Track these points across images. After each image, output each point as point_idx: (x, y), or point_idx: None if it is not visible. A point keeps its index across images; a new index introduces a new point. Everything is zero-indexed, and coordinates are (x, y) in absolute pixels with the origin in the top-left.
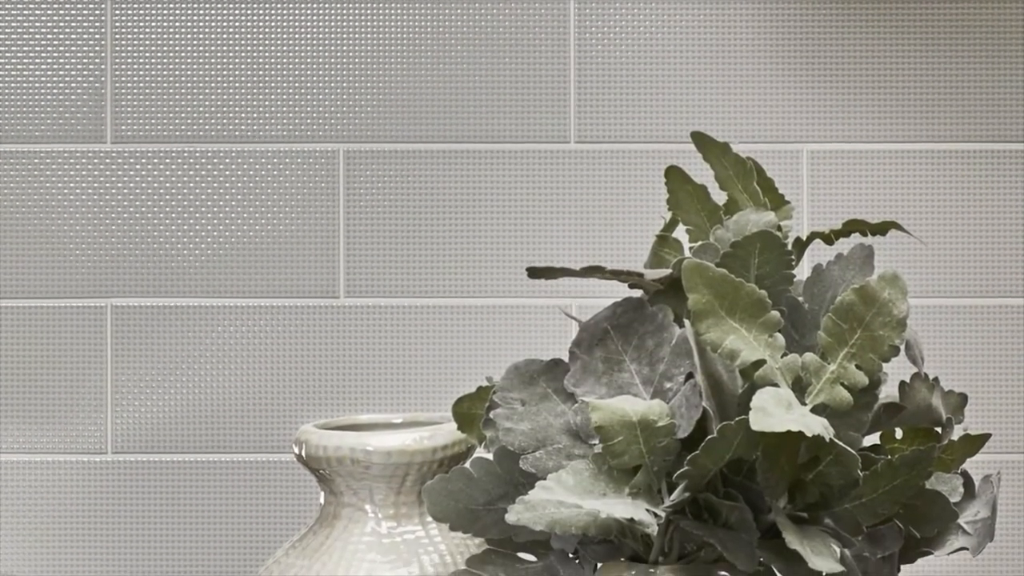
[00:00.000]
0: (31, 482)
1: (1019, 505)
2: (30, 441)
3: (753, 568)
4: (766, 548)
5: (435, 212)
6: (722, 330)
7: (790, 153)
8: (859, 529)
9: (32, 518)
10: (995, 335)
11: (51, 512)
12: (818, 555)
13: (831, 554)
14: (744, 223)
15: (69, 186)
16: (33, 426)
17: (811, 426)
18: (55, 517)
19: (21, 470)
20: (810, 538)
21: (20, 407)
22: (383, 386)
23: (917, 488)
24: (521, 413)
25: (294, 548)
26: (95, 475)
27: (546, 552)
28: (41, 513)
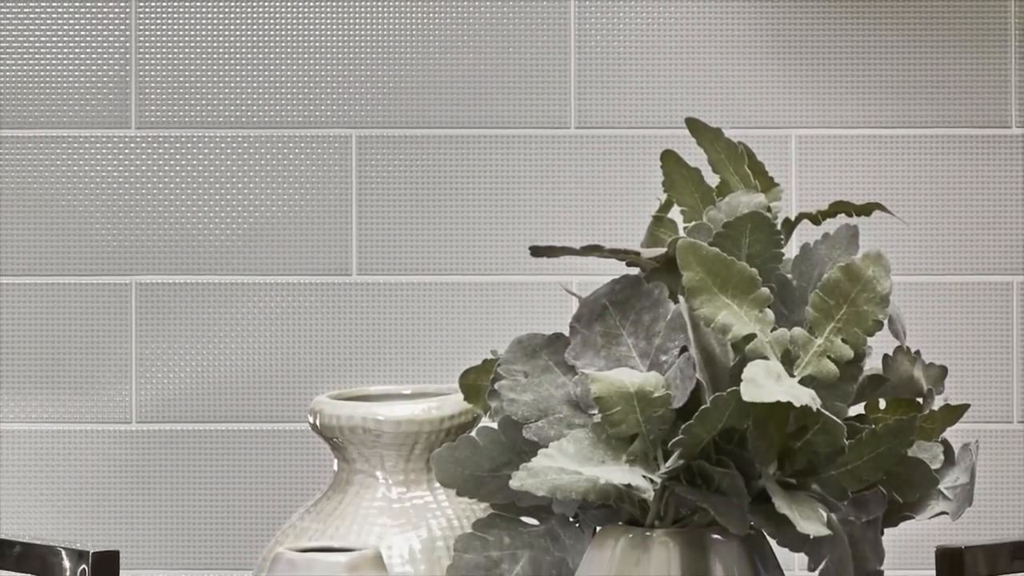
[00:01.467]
0: (60, 450)
1: (996, 471)
2: (59, 411)
3: (744, 531)
4: (757, 512)
5: (442, 194)
6: (715, 306)
7: (779, 138)
8: (845, 494)
9: (61, 483)
10: (974, 311)
11: (79, 478)
12: (806, 519)
13: (818, 518)
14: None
15: (96, 169)
16: (62, 397)
17: (799, 397)
18: (83, 482)
19: (51, 438)
20: (798, 503)
21: (49, 379)
22: (393, 359)
23: (900, 456)
24: (524, 385)
25: (309, 512)
26: (120, 443)
27: (548, 516)
28: (69, 479)
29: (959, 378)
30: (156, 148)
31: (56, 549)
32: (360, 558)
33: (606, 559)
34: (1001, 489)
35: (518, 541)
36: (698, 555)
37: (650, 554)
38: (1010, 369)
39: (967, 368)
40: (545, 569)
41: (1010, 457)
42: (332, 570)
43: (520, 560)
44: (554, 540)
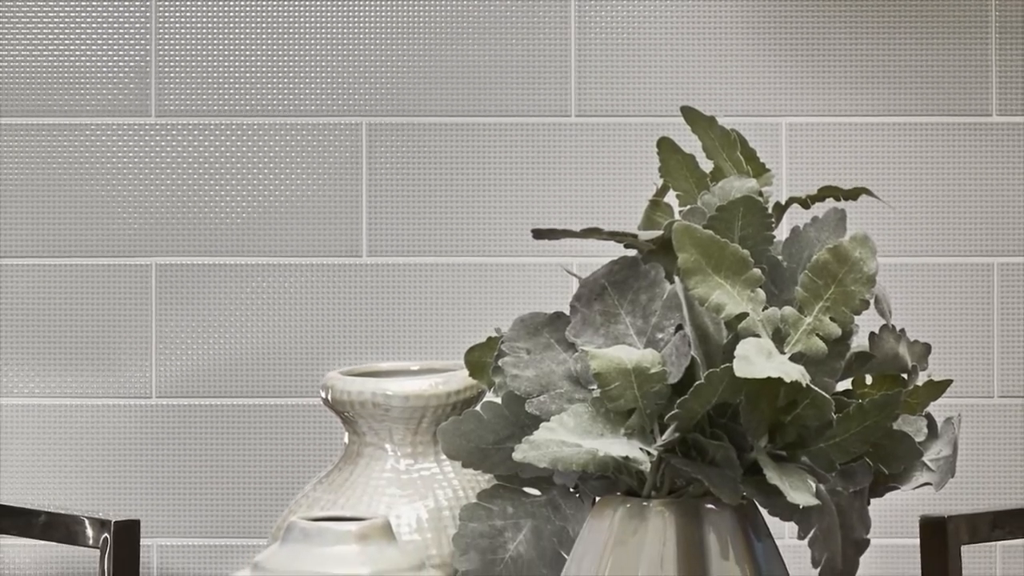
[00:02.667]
0: (83, 423)
1: (977, 444)
2: (82, 386)
3: (737, 501)
4: (748, 483)
5: (449, 179)
6: (709, 286)
7: (770, 125)
8: (833, 466)
9: (84, 456)
10: (957, 291)
11: (101, 450)
12: (796, 489)
13: (807, 488)
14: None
15: (117, 155)
16: (85, 373)
17: (789, 373)
18: (105, 455)
19: (75, 413)
20: (788, 474)
21: (73, 356)
22: (401, 336)
23: (885, 429)
24: (527, 361)
25: (321, 483)
26: (141, 417)
27: (549, 487)
28: (92, 451)
29: (942, 355)
30: (175, 135)
31: (80, 518)
32: (370, 527)
33: (605, 528)
34: (982, 461)
35: (521, 511)
36: (693, 524)
37: (647, 523)
38: (990, 346)
39: (950, 345)
40: (546, 537)
41: (990, 430)
42: (343, 538)
43: (523, 529)
44: (555, 510)
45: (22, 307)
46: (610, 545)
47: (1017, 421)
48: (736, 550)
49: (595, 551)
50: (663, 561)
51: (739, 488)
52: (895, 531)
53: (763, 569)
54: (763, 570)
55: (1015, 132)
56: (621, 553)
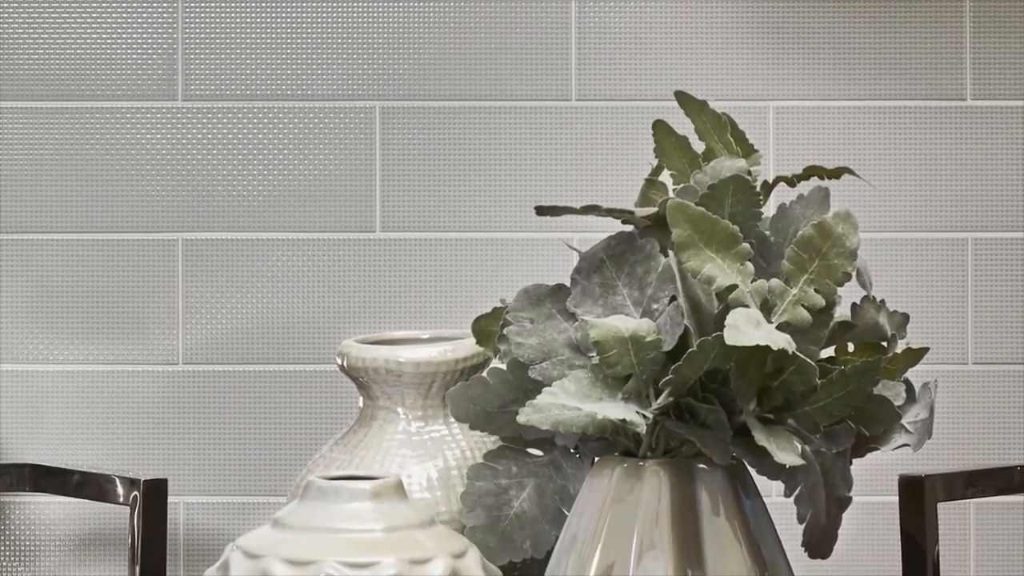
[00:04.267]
0: (114, 388)
1: (952, 408)
2: (113, 353)
3: (727, 461)
4: (738, 444)
5: (457, 159)
6: (701, 259)
7: (758, 109)
8: (817, 428)
9: (115, 419)
10: (933, 264)
11: (131, 414)
12: (782, 450)
13: (793, 449)
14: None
15: (147, 137)
16: (116, 341)
17: (776, 341)
18: (135, 418)
19: (106, 378)
20: (776, 436)
21: (105, 325)
22: (413, 306)
23: (866, 393)
24: (530, 330)
25: (337, 444)
26: (168, 383)
27: (551, 448)
28: (122, 414)
29: (919, 324)
30: (200, 118)
31: (111, 477)
32: (383, 485)
33: (603, 486)
34: (957, 423)
35: (524, 470)
36: (686, 483)
37: (643, 482)
38: (964, 316)
39: (927, 315)
40: (549, 495)
41: (965, 395)
42: (358, 496)
43: (526, 487)
44: (557, 469)
45: (57, 280)
46: (608, 502)
47: (990, 386)
48: (726, 507)
49: (594, 508)
50: (658, 517)
51: (729, 449)
52: (876, 489)
53: (752, 525)
54: (752, 526)
55: (988, 115)
56: (619, 510)
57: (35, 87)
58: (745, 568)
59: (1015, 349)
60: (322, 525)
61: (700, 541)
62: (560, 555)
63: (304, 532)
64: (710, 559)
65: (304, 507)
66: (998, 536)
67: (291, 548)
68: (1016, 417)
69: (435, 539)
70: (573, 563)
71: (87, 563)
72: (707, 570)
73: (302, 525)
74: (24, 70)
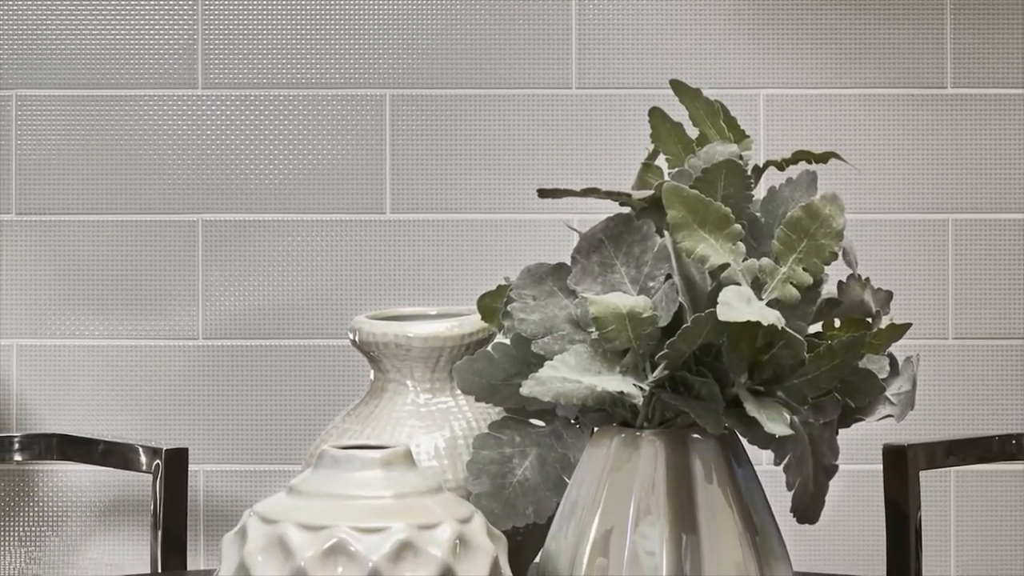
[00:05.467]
0: (137, 362)
1: (934, 380)
2: (137, 329)
3: (720, 431)
4: (730, 415)
5: (463, 144)
6: (695, 239)
7: (750, 97)
8: (805, 400)
9: (138, 391)
10: (916, 244)
11: (153, 386)
12: (772, 421)
13: (783, 420)
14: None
15: (168, 123)
16: (139, 317)
17: (767, 317)
18: (157, 390)
19: (130, 352)
20: (766, 407)
21: (128, 302)
22: (421, 284)
23: (852, 367)
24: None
25: (349, 415)
26: (189, 357)
27: (553, 419)
28: (145, 386)
29: (902, 301)
30: (219, 105)
31: (134, 446)
32: (392, 454)
33: (602, 455)
34: (938, 395)
35: (527, 440)
36: (680, 452)
37: (639, 451)
38: (945, 293)
39: (909, 292)
40: (550, 464)
41: (946, 368)
42: (369, 464)
43: (529, 456)
44: (558, 439)
45: (83, 259)
46: (607, 470)
47: (970, 360)
48: (719, 475)
49: (594, 476)
50: (654, 485)
51: (722, 420)
52: (861, 458)
53: (743, 492)
54: (743, 492)
55: (967, 102)
56: (617, 478)
57: (62, 76)
58: (737, 533)
59: (993, 324)
60: (335, 492)
61: (694, 507)
62: (561, 521)
63: (318, 499)
64: (704, 524)
65: (318, 475)
66: (977, 502)
67: (305, 514)
68: (994, 389)
69: (442, 505)
70: (573, 528)
71: (111, 528)
72: (701, 535)
73: (316, 492)
74: (51, 60)
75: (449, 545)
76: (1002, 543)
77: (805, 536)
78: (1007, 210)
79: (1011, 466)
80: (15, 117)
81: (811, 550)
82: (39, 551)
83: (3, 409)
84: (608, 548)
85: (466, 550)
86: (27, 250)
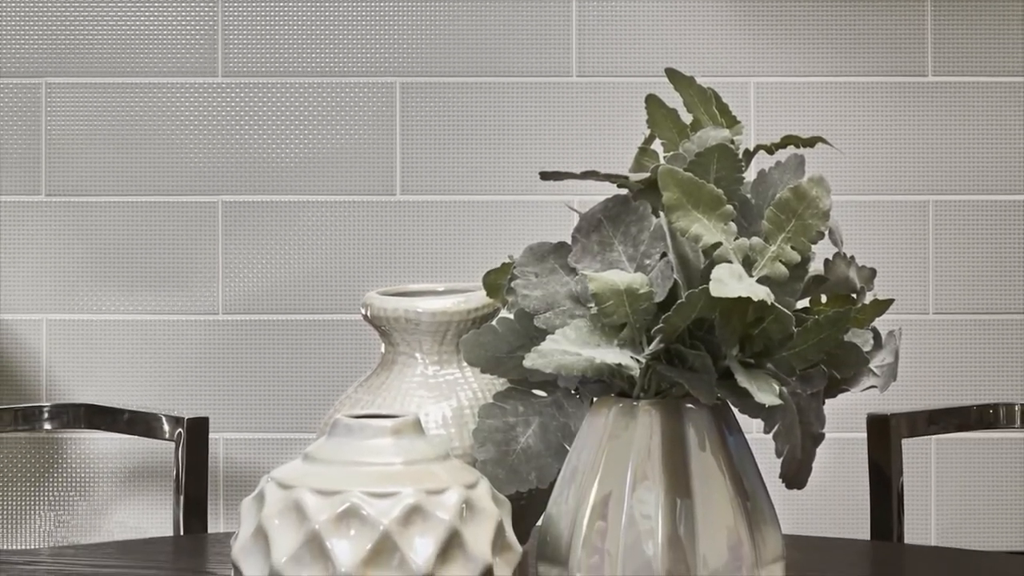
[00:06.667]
0: (161, 336)
1: (916, 353)
2: (160, 304)
3: (712, 401)
4: (722, 386)
5: (469, 129)
6: (688, 220)
7: (741, 84)
8: (793, 372)
9: (161, 363)
10: (898, 223)
11: (176, 358)
12: (762, 391)
13: (772, 390)
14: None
15: (190, 110)
16: (162, 293)
17: (757, 293)
18: (179, 362)
19: (154, 327)
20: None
21: (152, 278)
22: (429, 262)
23: (837, 340)
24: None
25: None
26: (209, 331)
27: (554, 389)
28: (168, 359)
29: (886, 278)
30: (239, 93)
31: (157, 416)
32: (402, 423)
33: (601, 424)
34: (919, 367)
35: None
36: (675, 420)
37: (636, 420)
38: (926, 270)
39: (892, 269)
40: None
41: (926, 341)
42: (380, 433)
43: (532, 424)
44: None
45: (109, 238)
46: (606, 438)
47: (949, 333)
48: (712, 442)
49: (593, 443)
50: (650, 452)
51: (714, 390)
52: (846, 427)
53: (735, 459)
54: (735, 459)
55: (947, 90)
56: (615, 445)
57: (89, 65)
58: (729, 497)
59: (971, 300)
60: (348, 459)
61: (688, 473)
62: (562, 486)
63: (332, 465)
64: (697, 489)
65: (332, 443)
66: (956, 468)
67: (320, 479)
68: (972, 361)
69: (449, 471)
70: (574, 493)
71: (136, 493)
72: (695, 499)
73: (330, 459)
74: (78, 50)
75: (456, 509)
76: (980, 506)
77: (794, 501)
78: (985, 191)
79: (989, 434)
80: (45, 104)
81: (799, 514)
82: (67, 514)
83: (33, 380)
84: (607, 512)
85: (472, 514)
86: (56, 230)
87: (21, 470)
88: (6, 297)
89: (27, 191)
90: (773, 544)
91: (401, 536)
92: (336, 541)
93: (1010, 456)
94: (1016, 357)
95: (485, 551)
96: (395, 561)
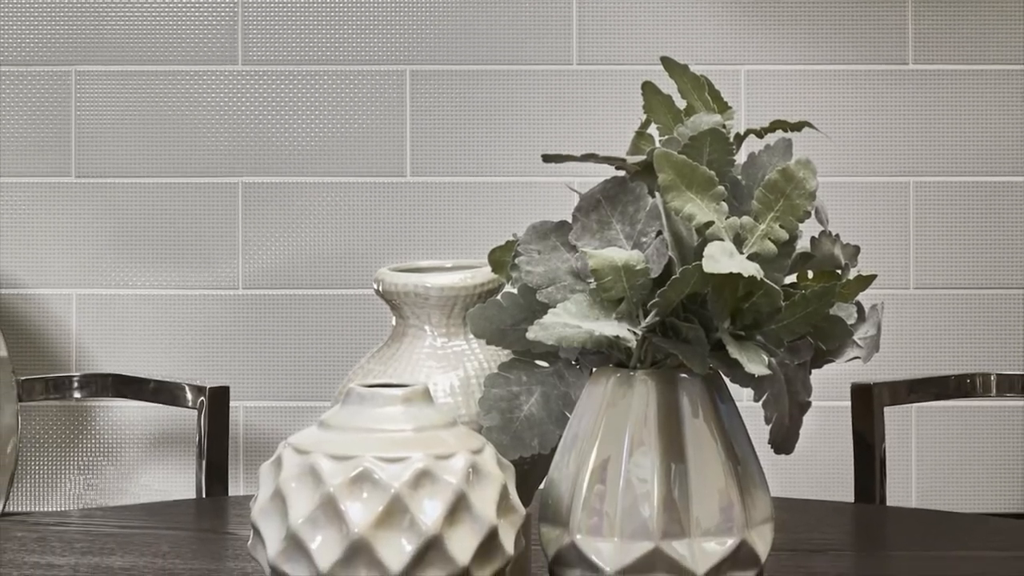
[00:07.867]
0: (184, 310)
1: (896, 325)
2: (183, 280)
3: (705, 371)
4: (714, 357)
5: (476, 115)
6: (682, 200)
7: (732, 72)
8: (781, 343)
9: (184, 335)
10: (881, 203)
11: (199, 331)
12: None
13: (761, 361)
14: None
15: (211, 96)
16: (185, 269)
17: (747, 269)
18: (201, 334)
19: (177, 301)
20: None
21: (176, 255)
22: (438, 240)
23: (823, 314)
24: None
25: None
26: (230, 305)
27: (556, 360)
28: (191, 332)
29: (869, 254)
30: (258, 79)
31: (181, 385)
32: (412, 392)
33: (600, 393)
34: (900, 338)
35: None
36: (670, 390)
37: (633, 389)
38: (907, 247)
39: (875, 246)
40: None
41: (907, 314)
42: (391, 401)
43: (534, 393)
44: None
45: (135, 217)
46: (604, 407)
47: (928, 307)
48: (704, 410)
49: (592, 411)
50: (646, 419)
51: (707, 361)
52: (831, 396)
53: (727, 426)
54: (727, 426)
55: (927, 77)
56: (613, 413)
57: (117, 53)
58: (721, 462)
59: (950, 275)
60: (361, 426)
61: (682, 439)
62: (563, 451)
63: (346, 432)
64: (691, 454)
65: (346, 411)
66: (935, 435)
67: (334, 445)
68: (950, 333)
69: (457, 437)
70: (574, 458)
71: (161, 458)
72: (688, 464)
73: (344, 426)
74: (106, 39)
75: (463, 473)
76: (957, 470)
77: (782, 465)
78: (963, 173)
79: (966, 402)
80: (74, 90)
81: (787, 478)
82: (96, 478)
83: (64, 351)
84: (605, 476)
85: (478, 478)
86: (85, 209)
87: (52, 437)
88: (38, 273)
89: (58, 173)
90: (762, 506)
91: (411, 498)
92: (350, 503)
93: (986, 423)
94: (992, 329)
95: (490, 513)
96: (405, 522)
